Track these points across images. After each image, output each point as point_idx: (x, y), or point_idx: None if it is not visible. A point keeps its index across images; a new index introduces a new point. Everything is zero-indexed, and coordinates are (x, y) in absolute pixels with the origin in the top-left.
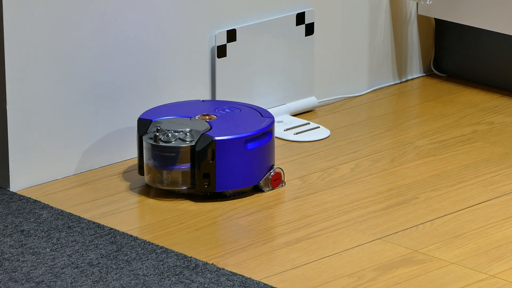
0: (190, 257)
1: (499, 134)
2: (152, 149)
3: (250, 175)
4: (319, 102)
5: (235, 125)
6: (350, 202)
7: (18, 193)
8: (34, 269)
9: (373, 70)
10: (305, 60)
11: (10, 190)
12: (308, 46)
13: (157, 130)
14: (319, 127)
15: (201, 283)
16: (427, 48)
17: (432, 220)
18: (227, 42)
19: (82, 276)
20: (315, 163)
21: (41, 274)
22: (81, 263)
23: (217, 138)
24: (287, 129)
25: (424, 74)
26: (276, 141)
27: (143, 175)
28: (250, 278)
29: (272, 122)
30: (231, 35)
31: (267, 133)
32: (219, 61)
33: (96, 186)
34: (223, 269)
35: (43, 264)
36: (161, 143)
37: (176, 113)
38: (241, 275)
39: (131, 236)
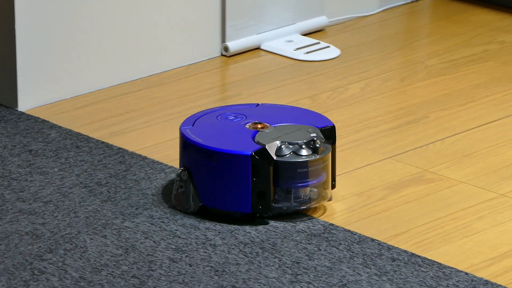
0: None
1: (510, 53)
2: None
3: None
4: (329, 22)
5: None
6: (359, 122)
7: (27, 112)
8: (42, 189)
9: None
10: None
11: (18, 109)
12: None
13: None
14: (329, 46)
15: None
16: None
17: (442, 139)
18: None
19: (90, 196)
20: (325, 83)
21: (49, 194)
22: (90, 182)
23: None
24: (297, 49)
25: None
26: (286, 60)
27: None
28: None
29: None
30: None
31: None
32: None
33: (104, 106)
34: None
35: (51, 184)
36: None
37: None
38: None
39: (140, 155)
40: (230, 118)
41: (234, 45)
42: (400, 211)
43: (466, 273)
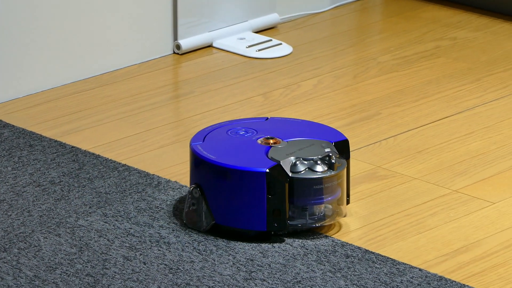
0: (153, 174)
1: (462, 49)
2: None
3: None
4: (281, 19)
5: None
6: (313, 118)
7: None
8: None
9: None
10: None
11: None
12: None
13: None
14: (281, 43)
15: (164, 200)
16: None
17: (395, 135)
18: None
19: (44, 195)
20: (278, 80)
21: (3, 193)
22: (43, 181)
23: None
24: (250, 46)
25: None
26: (238, 58)
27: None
28: None
29: None
30: None
31: None
32: None
33: (57, 104)
34: (185, 186)
35: (5, 183)
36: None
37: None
38: None
39: (93, 154)
40: (241, 133)
41: (186, 43)
42: (354, 208)
43: (420, 269)
